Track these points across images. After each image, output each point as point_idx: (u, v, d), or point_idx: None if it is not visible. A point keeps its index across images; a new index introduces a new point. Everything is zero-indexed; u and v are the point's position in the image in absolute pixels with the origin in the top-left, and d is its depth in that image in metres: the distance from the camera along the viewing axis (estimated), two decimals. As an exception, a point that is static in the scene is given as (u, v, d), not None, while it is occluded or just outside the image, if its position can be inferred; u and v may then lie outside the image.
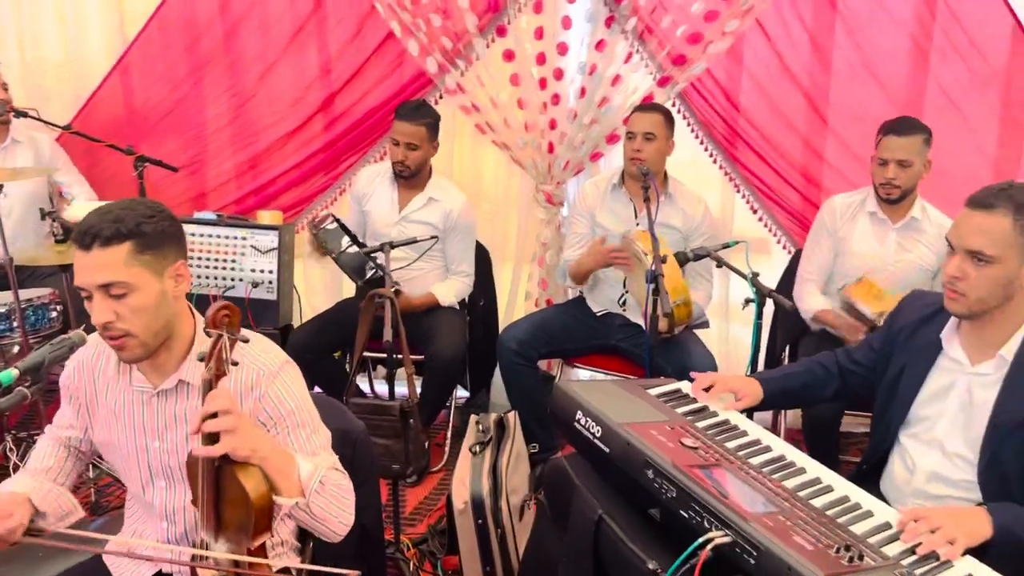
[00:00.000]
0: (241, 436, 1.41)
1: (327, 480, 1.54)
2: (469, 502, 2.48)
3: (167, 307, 1.55)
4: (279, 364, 1.63)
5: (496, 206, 3.89)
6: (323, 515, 1.53)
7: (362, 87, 3.69)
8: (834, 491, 1.67)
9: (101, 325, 1.48)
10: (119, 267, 1.46)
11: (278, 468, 1.46)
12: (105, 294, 1.47)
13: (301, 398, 1.64)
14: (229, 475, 1.42)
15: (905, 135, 2.79)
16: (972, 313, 1.81)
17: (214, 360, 1.40)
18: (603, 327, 3.29)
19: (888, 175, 2.83)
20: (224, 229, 3.47)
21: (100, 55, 3.81)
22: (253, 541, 1.44)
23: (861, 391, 2.14)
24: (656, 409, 1.93)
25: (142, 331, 1.50)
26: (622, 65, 3.46)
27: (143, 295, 1.49)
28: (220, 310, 1.40)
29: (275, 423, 1.60)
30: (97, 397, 1.70)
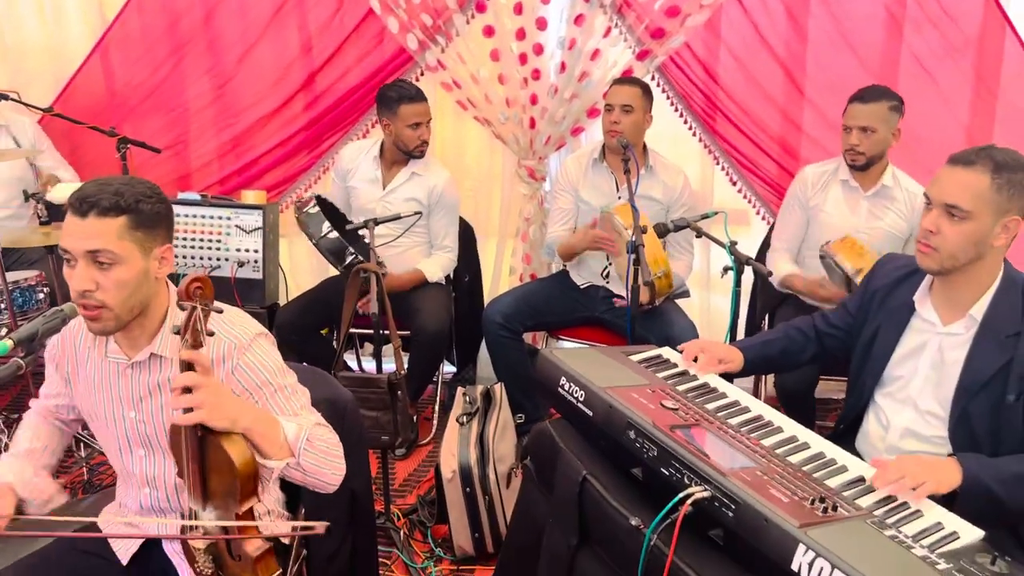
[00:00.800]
0: (217, 408, 1.43)
1: (314, 437, 1.57)
2: (457, 471, 2.53)
3: (147, 286, 1.57)
4: (251, 336, 1.65)
5: (479, 182, 3.92)
6: (315, 470, 1.57)
7: (343, 65, 3.70)
8: (810, 448, 1.72)
9: (80, 292, 1.49)
10: (111, 237, 1.49)
11: (262, 434, 1.49)
12: (90, 261, 1.49)
13: (275, 365, 1.66)
14: (213, 444, 1.45)
15: (869, 102, 2.84)
16: (943, 269, 1.85)
17: (190, 332, 1.41)
18: (587, 300, 3.33)
19: (852, 141, 2.87)
20: (209, 209, 3.49)
21: (80, 37, 3.79)
22: (240, 506, 1.48)
23: (838, 353, 2.20)
24: (637, 374, 1.97)
25: (118, 305, 1.52)
26: (601, 39, 3.48)
27: (127, 269, 1.51)
28: (192, 282, 1.41)
29: (251, 393, 1.62)
30: (77, 367, 1.72)
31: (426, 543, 2.73)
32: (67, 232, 1.50)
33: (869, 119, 2.84)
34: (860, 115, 2.85)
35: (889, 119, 2.85)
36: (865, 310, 2.08)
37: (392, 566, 2.59)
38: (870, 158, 2.89)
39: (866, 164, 2.91)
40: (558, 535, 1.88)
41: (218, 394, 1.45)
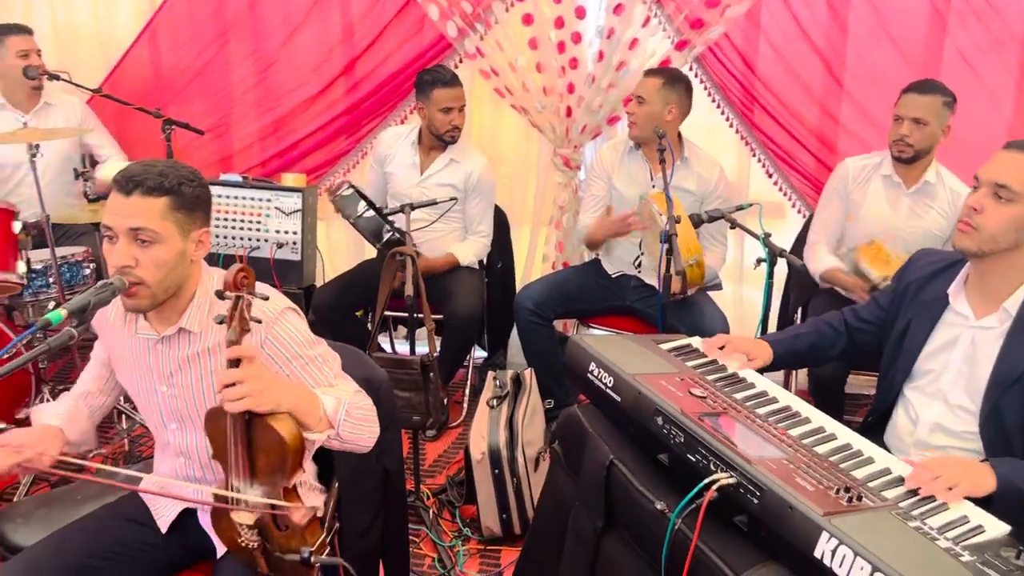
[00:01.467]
0: (263, 394, 1.47)
1: (351, 407, 1.63)
2: (486, 453, 2.57)
3: (183, 267, 1.62)
4: (279, 310, 1.69)
5: (514, 170, 3.94)
6: (353, 438, 1.64)
7: (383, 51, 3.74)
8: (837, 439, 1.73)
9: (119, 268, 1.55)
10: (154, 217, 1.55)
11: (304, 410, 1.54)
12: (131, 239, 1.55)
13: (303, 337, 1.71)
14: (261, 425, 1.49)
15: (925, 94, 2.78)
16: (980, 251, 1.84)
17: (237, 320, 1.46)
18: (618, 288, 3.35)
19: (902, 131, 2.81)
20: (249, 191, 3.54)
21: (129, 20, 3.88)
22: (289, 480, 1.53)
23: (868, 348, 2.19)
24: (667, 362, 1.99)
25: (155, 284, 1.58)
26: (640, 29, 3.48)
27: (166, 249, 1.57)
28: (238, 273, 1.45)
29: (282, 366, 1.67)
30: (110, 340, 1.80)
31: (454, 523, 2.78)
32: (110, 209, 1.56)
33: (922, 111, 2.78)
34: (914, 106, 2.79)
35: (941, 114, 2.79)
36: (897, 304, 2.08)
37: (421, 544, 2.65)
38: (918, 151, 2.83)
39: (913, 157, 2.85)
40: (584, 518, 1.91)
41: (263, 380, 1.49)
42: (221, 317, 1.46)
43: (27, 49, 3.38)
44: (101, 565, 1.71)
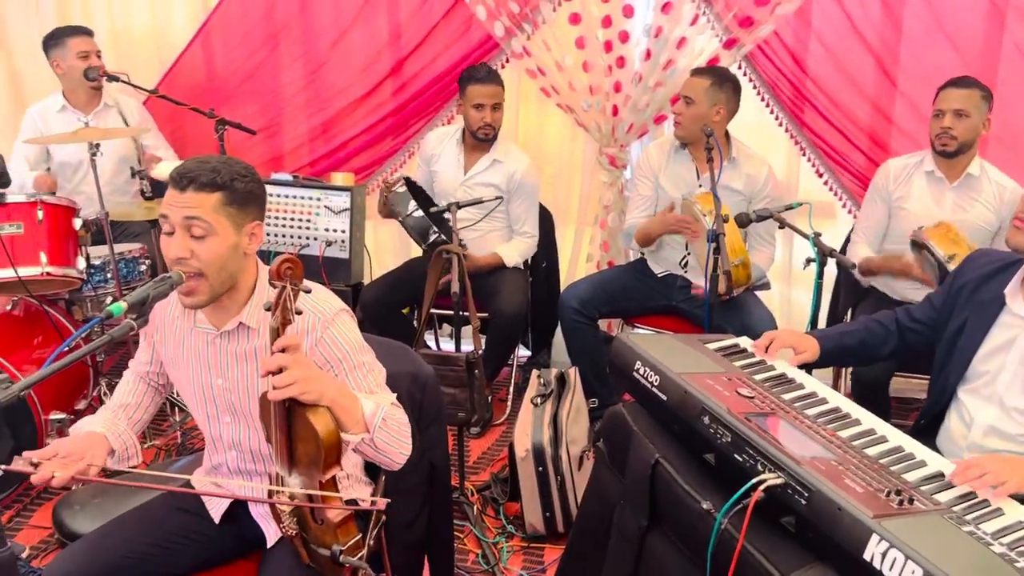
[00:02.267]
0: (308, 383, 1.49)
1: (388, 416, 1.63)
2: (530, 450, 2.58)
3: (236, 260, 1.66)
4: (335, 311, 1.72)
5: (559, 169, 3.95)
6: (386, 448, 1.63)
7: (431, 52, 3.77)
8: (888, 441, 1.70)
9: (175, 259, 1.59)
10: (208, 210, 1.59)
11: (344, 408, 1.56)
12: (187, 231, 1.59)
13: (356, 341, 1.73)
14: (300, 416, 1.52)
15: (962, 87, 2.81)
16: None
17: (279, 309, 1.48)
18: (664, 288, 3.33)
19: (945, 124, 2.83)
20: (299, 190, 3.62)
21: (183, 23, 3.97)
22: (324, 474, 1.55)
23: (920, 349, 2.15)
24: (713, 361, 1.98)
25: (211, 274, 1.61)
26: (688, 27, 3.46)
27: (219, 241, 1.61)
28: (283, 263, 1.47)
29: (331, 365, 1.69)
30: (167, 337, 1.83)
31: (498, 519, 2.79)
32: (167, 202, 1.61)
33: (963, 103, 2.79)
34: (954, 99, 2.81)
35: (980, 107, 2.80)
36: (951, 304, 2.04)
37: (465, 539, 2.67)
38: (962, 144, 2.83)
39: (956, 151, 2.85)
40: (628, 516, 1.91)
41: (307, 369, 1.51)
42: (268, 304, 1.49)
43: (87, 50, 3.48)
44: (157, 553, 1.76)
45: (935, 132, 2.87)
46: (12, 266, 2.71)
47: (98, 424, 1.80)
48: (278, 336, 1.49)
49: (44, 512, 2.73)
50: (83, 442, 1.71)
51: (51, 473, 1.54)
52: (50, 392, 2.80)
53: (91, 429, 1.77)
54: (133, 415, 1.90)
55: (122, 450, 1.79)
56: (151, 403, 1.95)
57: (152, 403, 1.95)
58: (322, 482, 1.55)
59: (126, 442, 1.81)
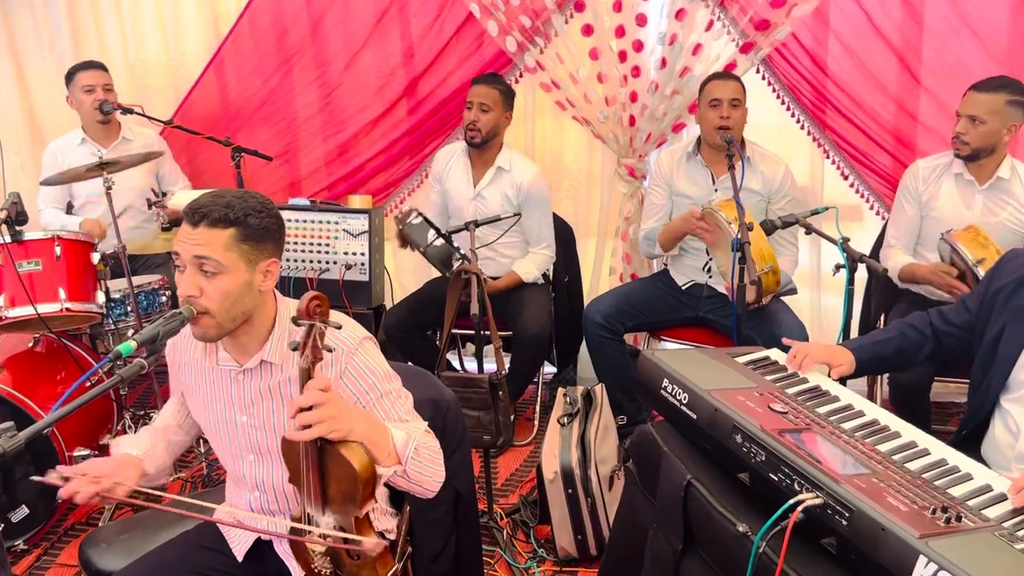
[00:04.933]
0: (337, 420, 1.45)
1: (420, 445, 1.60)
2: (559, 472, 2.52)
3: (250, 297, 1.62)
4: (358, 340, 1.68)
5: (578, 182, 3.91)
6: (419, 477, 1.60)
7: (444, 70, 3.76)
8: (931, 455, 1.63)
9: (185, 297, 1.56)
10: (218, 247, 1.55)
11: (374, 441, 1.52)
12: (197, 268, 1.56)
13: (382, 370, 1.69)
14: (332, 454, 1.48)
15: (985, 92, 2.71)
16: None
17: (310, 348, 1.45)
18: (689, 299, 3.27)
19: (957, 128, 2.77)
20: (317, 214, 3.61)
21: (197, 53, 3.98)
22: (360, 510, 1.51)
23: (957, 352, 2.08)
24: (744, 376, 1.92)
25: (220, 313, 1.57)
26: (703, 33, 3.41)
27: (231, 279, 1.57)
28: (312, 300, 1.44)
29: (358, 397, 1.66)
30: (191, 373, 1.80)
31: (529, 543, 2.73)
32: (179, 238, 1.58)
33: (979, 109, 2.72)
34: (971, 104, 2.74)
35: (1005, 113, 2.70)
36: (987, 309, 1.96)
37: (495, 565, 2.61)
38: (975, 150, 2.77)
39: (972, 155, 2.79)
40: (662, 540, 1.85)
41: (337, 408, 1.47)
42: (295, 343, 1.45)
43: (92, 84, 3.48)
44: None
45: (952, 134, 2.82)
46: (32, 303, 2.71)
47: (136, 445, 1.79)
48: (309, 376, 1.45)
49: (71, 550, 2.72)
50: (116, 463, 1.70)
51: (77, 488, 1.54)
52: (73, 428, 2.80)
53: (128, 451, 1.76)
54: (174, 437, 1.89)
55: (155, 473, 1.79)
56: (192, 425, 1.93)
57: (193, 425, 1.93)
58: (358, 518, 1.52)
59: (159, 465, 1.80)
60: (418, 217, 3.02)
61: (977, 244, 2.56)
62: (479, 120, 3.27)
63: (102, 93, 3.49)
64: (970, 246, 2.55)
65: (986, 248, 2.54)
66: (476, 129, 3.28)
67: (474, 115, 3.27)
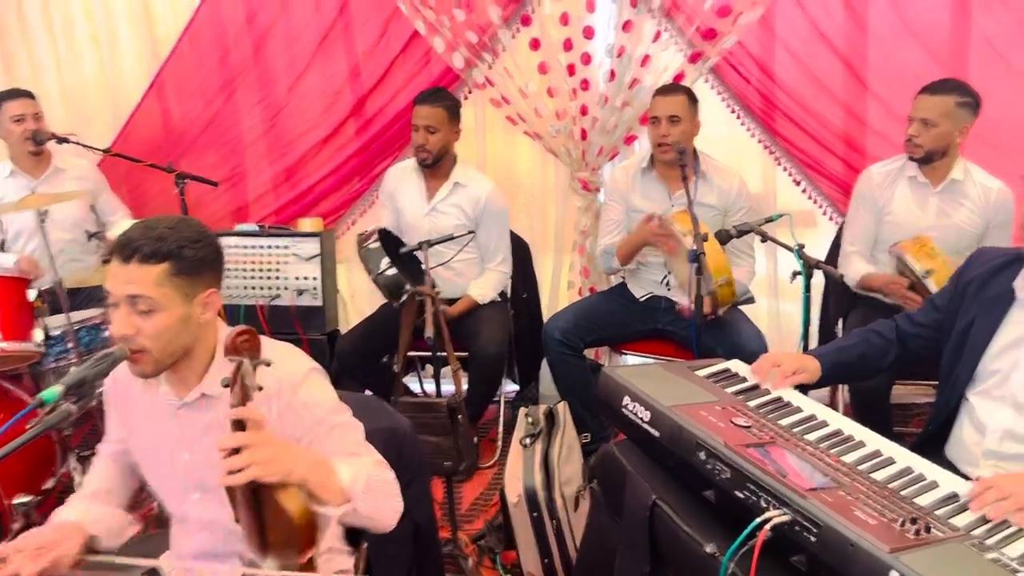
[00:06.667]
0: (270, 462, 1.37)
1: (370, 479, 1.52)
2: (522, 495, 2.46)
3: (188, 331, 1.54)
4: (303, 372, 1.60)
5: (532, 197, 3.87)
6: (373, 512, 1.52)
7: (392, 88, 3.71)
8: (896, 463, 1.60)
9: (120, 336, 1.48)
10: (150, 284, 1.47)
11: (318, 482, 1.44)
12: (131, 306, 1.47)
13: (329, 402, 1.62)
14: (268, 498, 1.40)
15: (935, 94, 2.73)
16: None
17: (238, 387, 1.37)
18: (648, 312, 3.24)
19: (910, 131, 2.79)
20: (266, 239, 3.52)
21: (136, 75, 3.88)
22: (301, 556, 1.42)
23: (925, 355, 2.06)
24: (705, 390, 1.88)
25: (157, 350, 1.50)
26: (651, 44, 3.40)
27: (167, 316, 1.49)
28: (239, 336, 1.36)
29: (305, 433, 1.58)
30: (130, 409, 1.71)
31: (495, 570, 2.66)
32: (110, 276, 1.49)
33: (930, 111, 2.73)
34: (922, 107, 2.75)
35: (955, 115, 2.72)
36: (957, 303, 1.95)
37: (461, 594, 2.53)
38: (928, 152, 2.78)
39: (925, 158, 2.80)
40: (629, 562, 1.80)
41: (270, 448, 1.39)
42: (226, 380, 1.37)
43: (22, 114, 3.34)
44: None
45: (905, 137, 2.83)
46: (-38, 345, 2.58)
47: (72, 512, 1.68)
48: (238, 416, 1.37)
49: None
50: (56, 532, 1.60)
51: (17, 569, 1.43)
52: (12, 473, 2.65)
53: (65, 518, 1.65)
54: (109, 500, 1.76)
55: (106, 531, 1.68)
56: (124, 485, 1.81)
57: (126, 485, 1.81)
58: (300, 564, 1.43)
59: (109, 522, 1.69)
60: (376, 242, 2.94)
61: (924, 255, 2.58)
62: (428, 142, 3.20)
63: (32, 122, 3.35)
64: (917, 256, 2.56)
65: (933, 259, 2.56)
66: (426, 151, 3.21)
67: (422, 138, 3.20)
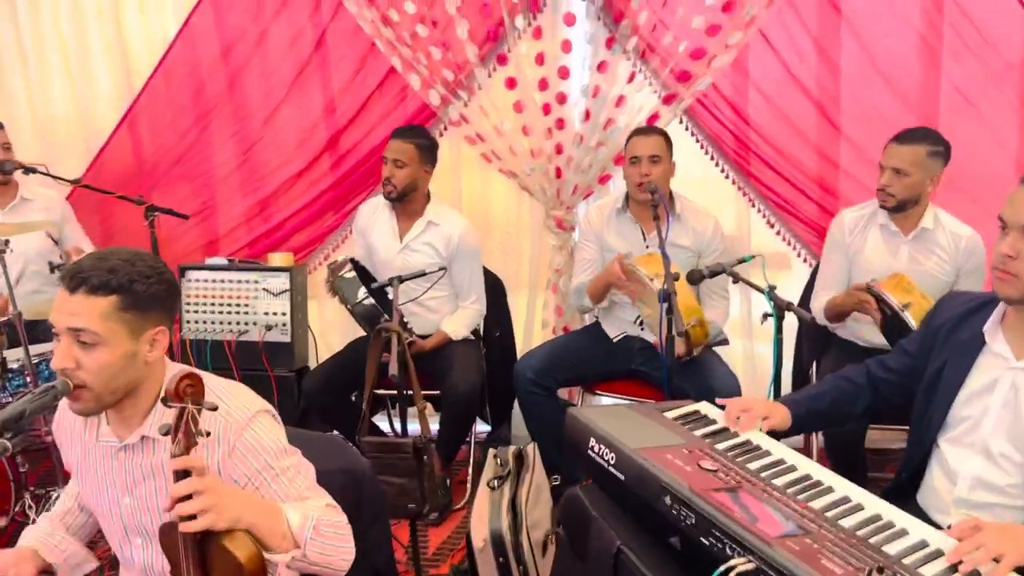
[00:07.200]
0: (219, 510, 1.33)
1: (320, 523, 1.47)
2: (488, 539, 2.40)
3: (133, 369, 1.48)
4: (250, 415, 1.54)
5: (507, 235, 3.85)
6: (322, 559, 1.47)
7: (367, 124, 3.69)
8: (865, 510, 1.57)
9: (59, 369, 1.43)
10: (95, 318, 1.41)
11: (266, 527, 1.40)
12: (73, 339, 1.42)
13: (275, 446, 1.56)
14: (215, 545, 1.35)
15: (906, 143, 2.73)
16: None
17: (182, 433, 1.32)
18: (621, 352, 3.20)
19: (883, 181, 2.77)
20: (235, 273, 3.47)
21: (108, 108, 3.85)
22: None
23: (896, 399, 2.03)
24: (673, 432, 1.85)
25: (98, 386, 1.44)
26: (625, 85, 3.42)
27: (110, 351, 1.43)
28: (182, 380, 1.31)
29: (250, 478, 1.52)
30: (74, 448, 1.65)
31: (460, 616, 2.58)
32: (55, 306, 1.44)
33: (902, 161, 2.73)
34: (894, 156, 2.74)
35: (926, 164, 2.72)
36: (927, 348, 1.93)
37: (424, 643, 2.45)
38: (900, 201, 2.78)
39: (897, 207, 2.80)
40: (594, 611, 1.74)
41: (219, 495, 1.35)
42: (166, 427, 1.31)
43: None
44: None
45: (877, 187, 2.82)
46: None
47: (31, 537, 1.64)
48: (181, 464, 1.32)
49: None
50: (9, 559, 1.56)
51: None
52: (-37, 511, 2.57)
53: (23, 543, 1.62)
54: (74, 520, 1.73)
55: (62, 560, 1.63)
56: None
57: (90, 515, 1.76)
58: None
59: (66, 551, 1.64)
60: (351, 271, 2.90)
61: (902, 290, 2.57)
62: (394, 176, 3.16)
63: (2, 152, 3.31)
64: (895, 292, 2.55)
65: (911, 293, 2.55)
66: (391, 185, 3.18)
67: (389, 170, 3.17)
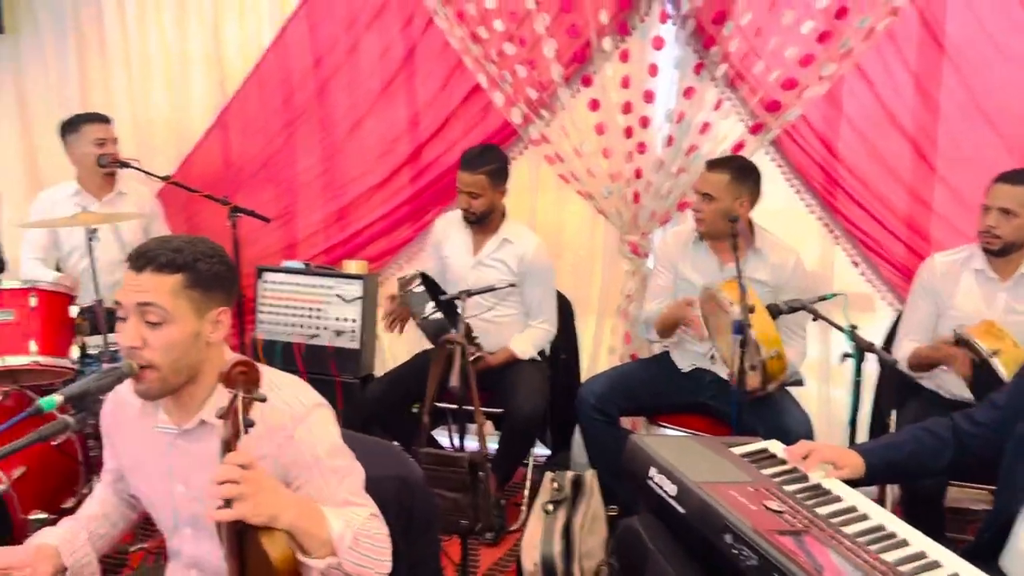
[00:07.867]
0: (257, 503, 1.32)
1: (359, 534, 1.44)
2: (539, 564, 2.35)
3: (197, 350, 1.50)
4: (309, 407, 1.54)
5: (579, 257, 3.80)
6: (358, 570, 1.44)
7: (448, 139, 3.71)
8: (943, 568, 1.46)
9: (127, 348, 1.45)
10: (164, 293, 1.44)
11: (306, 530, 1.38)
12: (140, 318, 1.44)
13: (331, 443, 1.55)
14: (252, 540, 1.34)
15: (1016, 184, 2.59)
16: None
17: (231, 419, 1.33)
18: (691, 383, 3.11)
19: (989, 222, 2.64)
20: (310, 278, 3.53)
21: (201, 112, 3.98)
22: None
23: (984, 454, 1.90)
24: (739, 468, 1.78)
25: (165, 366, 1.46)
26: (711, 112, 3.35)
27: (177, 329, 1.45)
28: (235, 367, 1.32)
29: (301, 470, 1.51)
30: (126, 438, 1.67)
31: (506, 641, 2.52)
32: (123, 285, 1.47)
33: (1011, 201, 2.59)
34: (1001, 196, 2.61)
35: None
36: (1018, 402, 1.80)
37: (467, 665, 2.40)
38: (1007, 244, 2.64)
39: (1002, 250, 2.66)
40: (644, 648, 1.67)
41: (260, 488, 1.33)
42: (222, 410, 1.32)
43: (103, 137, 3.45)
44: None
45: (980, 228, 2.69)
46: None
47: (55, 535, 1.63)
48: (229, 449, 1.32)
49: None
50: (31, 553, 1.56)
51: None
52: (32, 490, 2.63)
53: (45, 540, 1.61)
54: (97, 528, 1.71)
55: (77, 569, 1.62)
56: (120, 517, 1.76)
57: (121, 517, 1.77)
58: None
59: (81, 560, 1.63)
60: (420, 286, 2.91)
61: (992, 336, 2.43)
62: (471, 206, 3.18)
63: (111, 146, 3.46)
64: (984, 338, 2.42)
65: (1002, 340, 2.42)
66: (471, 213, 3.20)
67: (465, 202, 3.19)
